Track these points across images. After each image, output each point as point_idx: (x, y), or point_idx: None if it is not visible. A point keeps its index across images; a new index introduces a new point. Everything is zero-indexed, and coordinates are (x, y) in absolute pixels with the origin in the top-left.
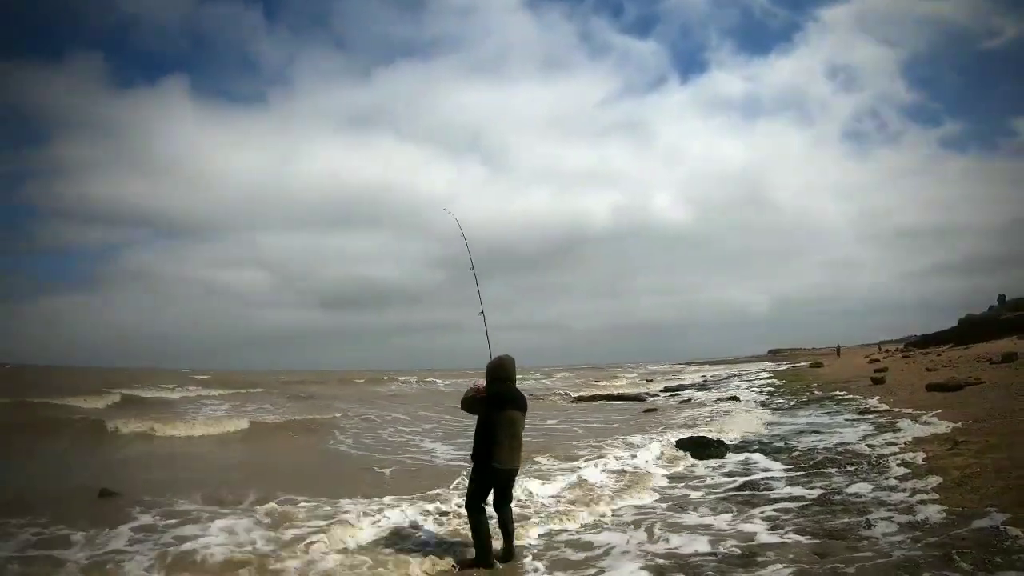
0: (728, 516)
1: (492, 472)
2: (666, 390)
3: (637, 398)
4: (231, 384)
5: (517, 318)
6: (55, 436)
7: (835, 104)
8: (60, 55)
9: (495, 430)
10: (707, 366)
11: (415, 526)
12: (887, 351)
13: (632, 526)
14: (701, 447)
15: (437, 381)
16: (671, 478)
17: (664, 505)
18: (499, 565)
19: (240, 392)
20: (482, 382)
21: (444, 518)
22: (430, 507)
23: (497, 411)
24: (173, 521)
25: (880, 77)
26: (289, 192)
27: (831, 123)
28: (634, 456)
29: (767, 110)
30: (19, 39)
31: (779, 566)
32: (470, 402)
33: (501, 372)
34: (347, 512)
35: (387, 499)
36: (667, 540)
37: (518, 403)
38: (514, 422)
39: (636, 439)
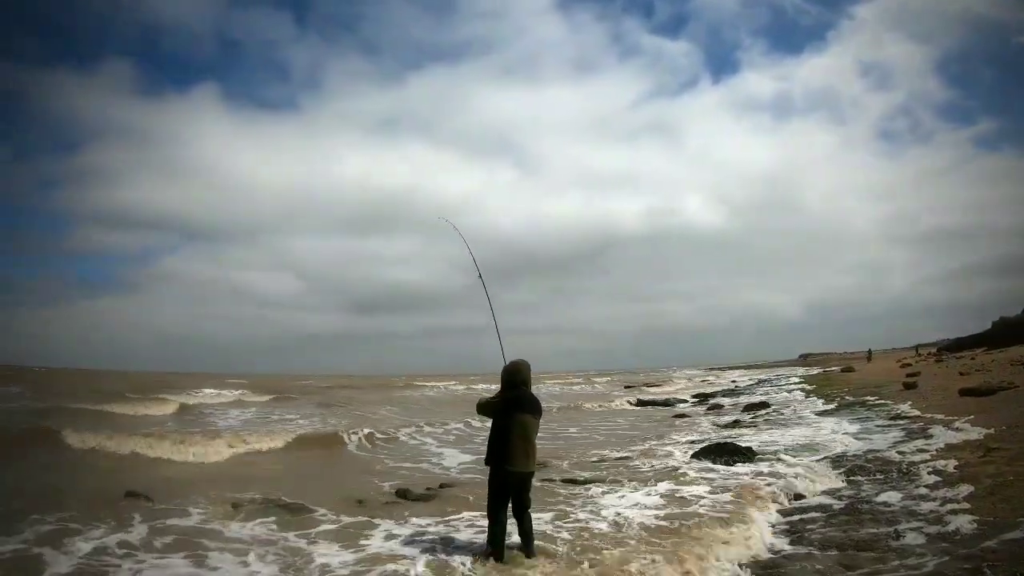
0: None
1: (506, 475)
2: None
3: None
4: (276, 389)
5: (548, 322)
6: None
7: (867, 103)
8: (90, 62)
9: (508, 434)
10: (738, 371)
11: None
12: (921, 355)
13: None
14: (729, 453)
15: (480, 385)
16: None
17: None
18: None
19: (292, 397)
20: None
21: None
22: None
23: (511, 415)
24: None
25: (913, 75)
26: (320, 197)
27: (863, 122)
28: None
29: (799, 110)
30: (51, 46)
31: None
32: (485, 406)
33: (516, 377)
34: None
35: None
36: None
37: (532, 407)
38: (527, 426)
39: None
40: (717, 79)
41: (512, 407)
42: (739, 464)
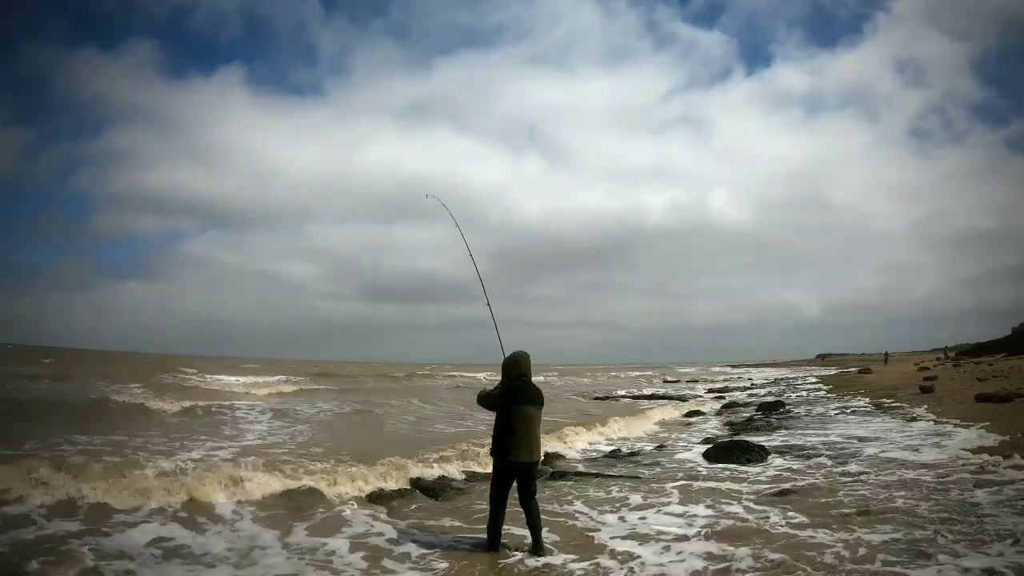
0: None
1: (510, 466)
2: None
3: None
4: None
5: (573, 315)
6: None
7: (901, 100)
8: (115, 43)
9: (511, 425)
10: (755, 370)
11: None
12: (940, 359)
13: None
14: (741, 452)
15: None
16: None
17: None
18: (516, 554)
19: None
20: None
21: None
22: None
23: (512, 407)
24: None
25: (948, 73)
26: (345, 184)
27: (895, 120)
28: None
29: (831, 105)
30: (75, 26)
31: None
32: (485, 398)
33: (516, 369)
34: None
35: None
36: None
37: (533, 398)
38: (529, 417)
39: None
40: (750, 71)
41: (513, 399)
42: (751, 464)
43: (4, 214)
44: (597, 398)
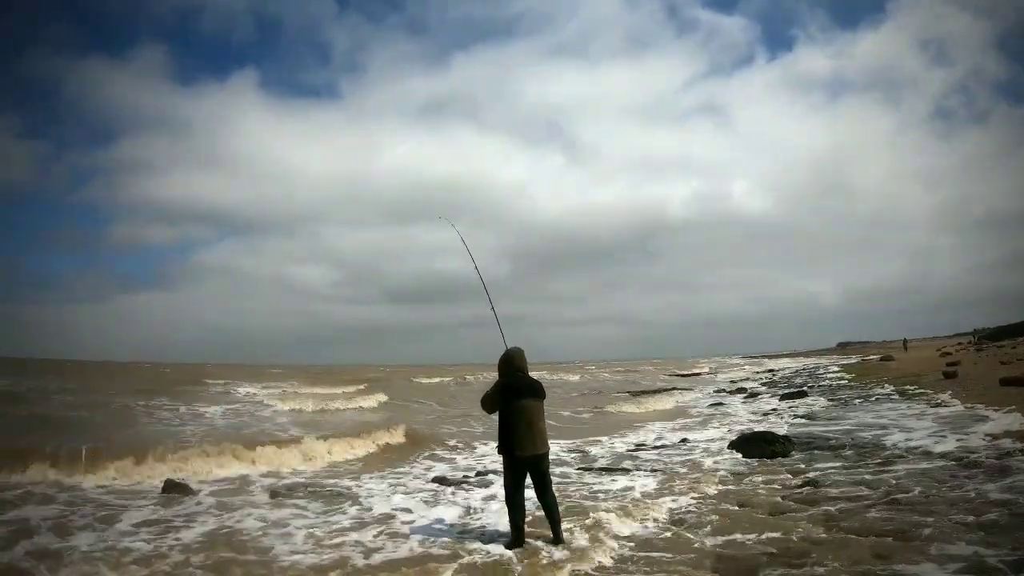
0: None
1: (517, 461)
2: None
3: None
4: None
5: (592, 311)
6: None
7: (924, 80)
8: (124, 49)
9: (512, 421)
10: (777, 360)
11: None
12: (960, 344)
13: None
14: (766, 444)
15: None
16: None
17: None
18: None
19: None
20: None
21: None
22: None
23: (512, 402)
24: None
25: (972, 50)
26: (361, 186)
27: (919, 101)
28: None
29: (854, 88)
30: (81, 33)
31: (836, 564)
32: (485, 400)
33: (511, 365)
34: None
35: None
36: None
37: (531, 391)
38: (530, 410)
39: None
40: (772, 57)
41: (511, 394)
42: (775, 456)
43: (19, 227)
44: (629, 392)
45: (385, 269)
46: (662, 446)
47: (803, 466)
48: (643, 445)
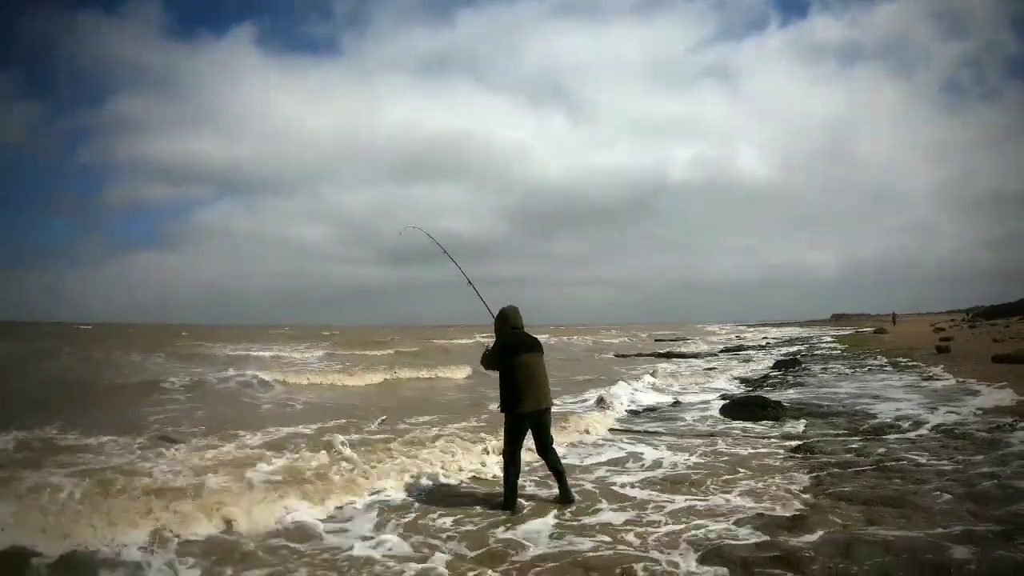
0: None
1: (519, 418)
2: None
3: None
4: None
5: (592, 273)
6: None
7: (937, 52)
8: (117, 4)
9: (514, 378)
10: (772, 329)
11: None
12: (953, 321)
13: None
14: (758, 408)
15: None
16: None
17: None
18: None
19: None
20: None
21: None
22: None
23: (511, 359)
24: None
25: (987, 24)
26: (362, 145)
27: (930, 73)
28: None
29: (865, 56)
30: None
31: (827, 530)
32: (486, 359)
33: (507, 323)
34: None
35: None
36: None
37: (530, 346)
38: (530, 365)
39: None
40: (785, 22)
41: (510, 351)
42: (767, 420)
43: (17, 190)
44: (619, 356)
45: (385, 228)
46: (654, 409)
47: (795, 431)
48: (635, 409)
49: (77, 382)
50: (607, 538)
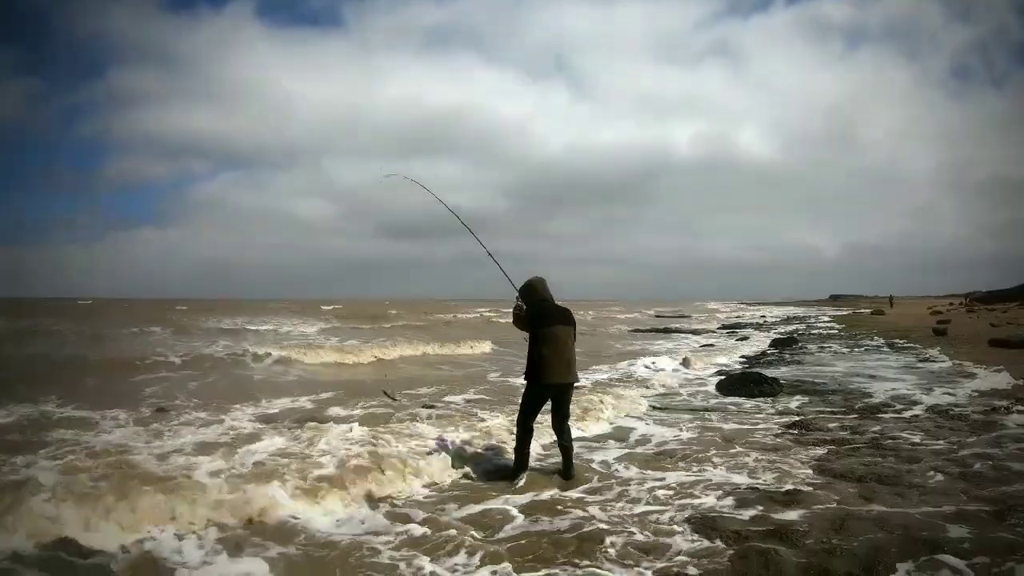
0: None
1: (541, 388)
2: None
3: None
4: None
5: (593, 251)
6: None
7: (945, 35)
8: None
9: (542, 348)
10: (770, 308)
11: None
12: (951, 304)
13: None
14: (754, 384)
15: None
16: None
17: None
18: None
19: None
20: None
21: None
22: None
23: (541, 328)
24: None
25: (998, 9)
26: (363, 119)
27: (937, 57)
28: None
29: (873, 37)
30: None
31: (821, 505)
32: (519, 319)
33: (535, 293)
34: None
35: None
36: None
37: (563, 318)
38: (558, 337)
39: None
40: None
41: (539, 321)
42: (763, 396)
43: (16, 166)
44: (635, 331)
45: (385, 203)
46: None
47: (791, 407)
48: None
49: (78, 357)
50: (599, 512)
